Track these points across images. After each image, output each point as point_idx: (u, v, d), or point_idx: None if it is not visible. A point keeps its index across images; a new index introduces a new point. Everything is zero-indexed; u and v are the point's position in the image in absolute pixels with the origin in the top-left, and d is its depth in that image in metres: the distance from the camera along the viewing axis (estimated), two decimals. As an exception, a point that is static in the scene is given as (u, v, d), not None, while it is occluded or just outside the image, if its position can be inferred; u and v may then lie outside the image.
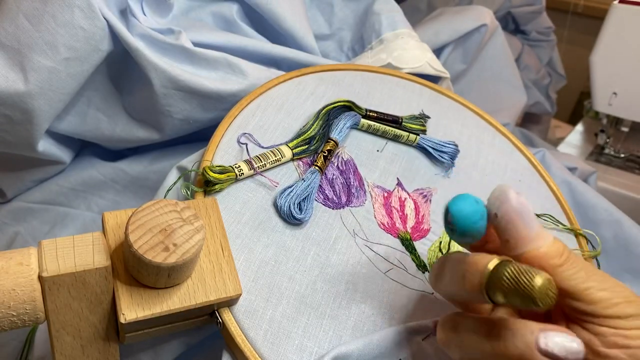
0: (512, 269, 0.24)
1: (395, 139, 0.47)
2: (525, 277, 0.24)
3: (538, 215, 0.45)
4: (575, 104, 1.57)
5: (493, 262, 0.25)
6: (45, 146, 0.46)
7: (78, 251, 0.28)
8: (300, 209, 0.38)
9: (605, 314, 0.25)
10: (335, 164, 0.43)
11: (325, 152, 0.41)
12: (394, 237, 0.41)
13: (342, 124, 0.43)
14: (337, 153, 0.43)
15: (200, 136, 0.51)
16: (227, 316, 0.32)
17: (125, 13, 0.45)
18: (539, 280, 0.23)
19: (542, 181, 0.50)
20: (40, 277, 0.26)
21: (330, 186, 0.41)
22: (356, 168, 0.43)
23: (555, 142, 1.05)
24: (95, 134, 0.49)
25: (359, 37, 0.63)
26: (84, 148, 0.54)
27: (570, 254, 0.27)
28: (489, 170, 0.49)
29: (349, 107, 0.45)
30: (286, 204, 0.37)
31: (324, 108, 0.44)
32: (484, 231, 0.27)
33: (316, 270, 0.36)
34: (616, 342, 0.25)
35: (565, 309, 0.27)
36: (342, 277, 0.37)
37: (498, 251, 0.28)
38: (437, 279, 0.30)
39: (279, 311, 0.34)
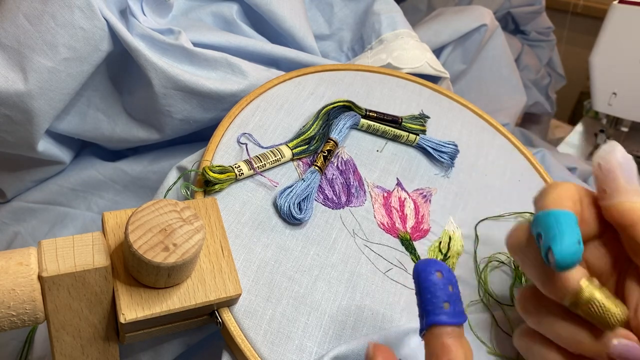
0: (598, 304, 0.26)
1: (395, 139, 0.47)
2: (608, 314, 0.25)
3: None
4: (575, 104, 1.57)
5: (584, 283, 0.26)
6: (45, 146, 0.46)
7: (78, 251, 0.28)
8: (300, 209, 0.38)
9: None
10: (335, 164, 0.43)
11: (325, 152, 0.41)
12: (394, 237, 0.41)
13: (342, 124, 0.43)
14: (337, 153, 0.43)
15: (200, 136, 0.51)
16: (227, 316, 0.32)
17: (125, 13, 0.45)
18: (618, 316, 0.25)
19: (542, 181, 0.50)
20: (40, 277, 0.26)
21: (330, 186, 0.41)
22: (356, 168, 0.43)
23: (555, 142, 1.05)
24: (95, 134, 0.49)
25: (358, 37, 0.63)
26: (84, 148, 0.54)
27: None
28: (489, 170, 0.49)
29: (348, 107, 0.45)
30: (286, 204, 0.37)
31: (323, 108, 0.44)
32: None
33: (316, 270, 0.36)
34: None
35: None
36: (342, 277, 0.37)
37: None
38: (517, 254, 0.30)
39: (279, 311, 0.34)
